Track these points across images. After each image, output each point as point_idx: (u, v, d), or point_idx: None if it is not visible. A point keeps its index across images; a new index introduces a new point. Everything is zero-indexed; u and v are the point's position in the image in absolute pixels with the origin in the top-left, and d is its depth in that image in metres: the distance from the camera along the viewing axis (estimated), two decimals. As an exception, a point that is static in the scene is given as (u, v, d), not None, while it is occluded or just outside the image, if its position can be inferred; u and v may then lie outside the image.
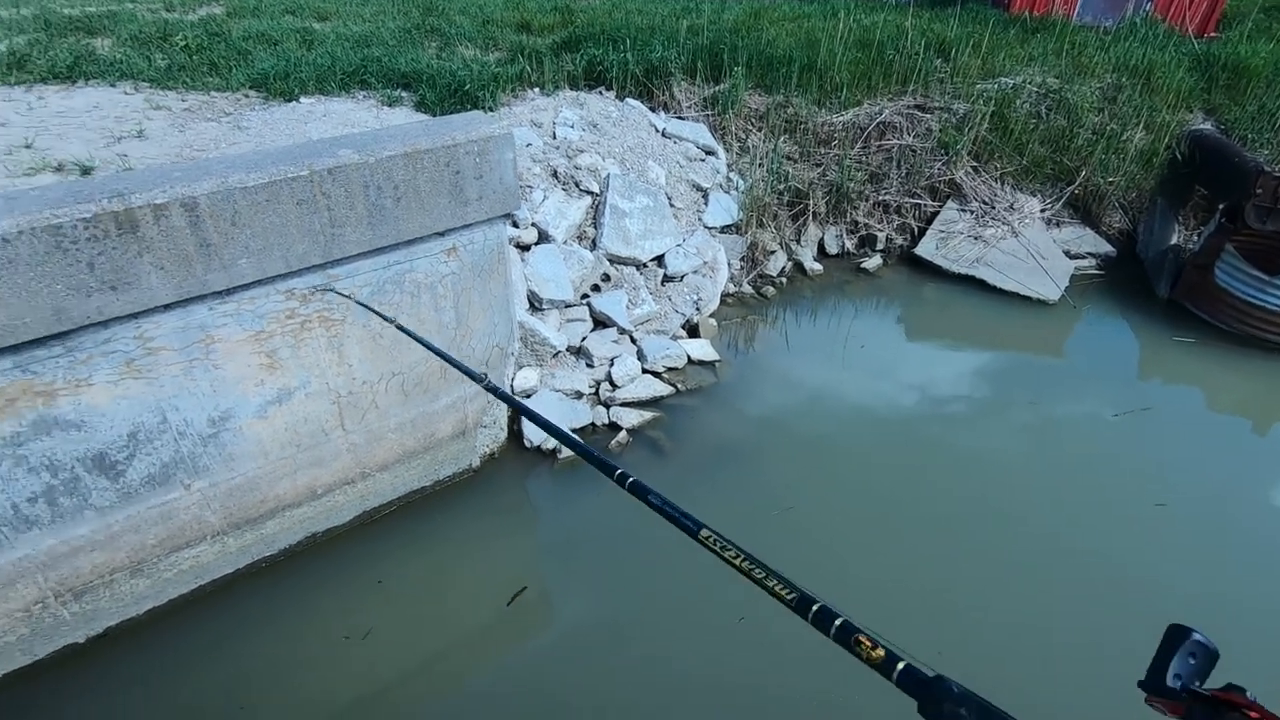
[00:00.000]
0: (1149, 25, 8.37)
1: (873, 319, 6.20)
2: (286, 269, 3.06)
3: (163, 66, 5.99)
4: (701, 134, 6.67)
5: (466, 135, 3.33)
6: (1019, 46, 7.78)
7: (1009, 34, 8.06)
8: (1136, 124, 6.93)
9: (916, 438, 4.83)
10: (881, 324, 6.16)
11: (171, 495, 3.25)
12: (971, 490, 4.40)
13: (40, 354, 2.66)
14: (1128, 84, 7.25)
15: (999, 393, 5.31)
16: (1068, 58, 7.54)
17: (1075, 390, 5.35)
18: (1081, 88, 7.21)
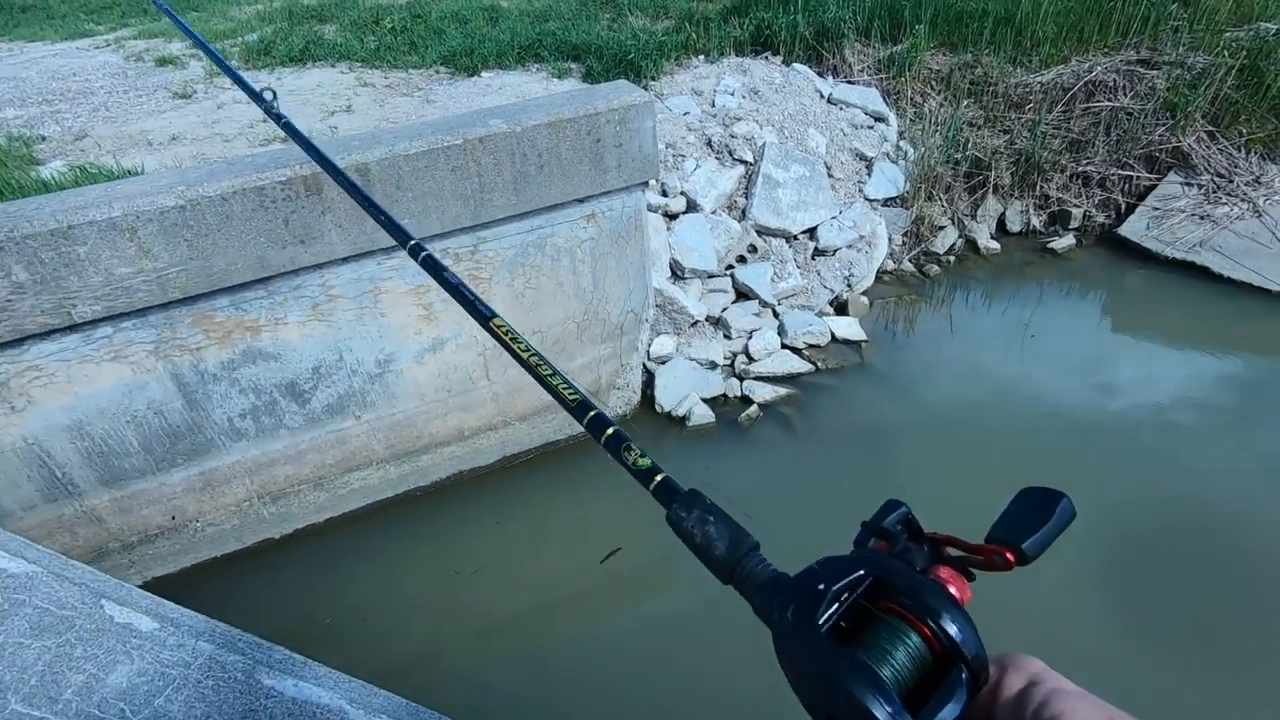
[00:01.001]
0: None
1: (1058, 307, 5.51)
2: (442, 229, 3.39)
3: (372, 47, 6.75)
4: (871, 99, 6.26)
5: (608, 104, 3.43)
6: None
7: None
8: None
9: (1099, 450, 4.23)
10: (1069, 313, 5.46)
11: (345, 424, 3.78)
12: (1170, 524, 3.80)
13: (249, 295, 3.20)
14: None
15: (1216, 405, 4.51)
16: (1363, -7, 6.03)
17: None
18: (1380, 30, 5.75)
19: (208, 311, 3.16)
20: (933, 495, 3.98)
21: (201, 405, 3.37)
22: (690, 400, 4.55)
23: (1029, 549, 0.61)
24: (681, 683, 3.27)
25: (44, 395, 3.03)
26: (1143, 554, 3.66)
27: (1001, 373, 4.90)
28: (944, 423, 4.49)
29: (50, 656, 1.13)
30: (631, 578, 3.75)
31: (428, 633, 3.52)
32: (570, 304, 3.98)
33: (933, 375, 4.93)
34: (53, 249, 2.73)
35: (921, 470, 4.18)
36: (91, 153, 4.68)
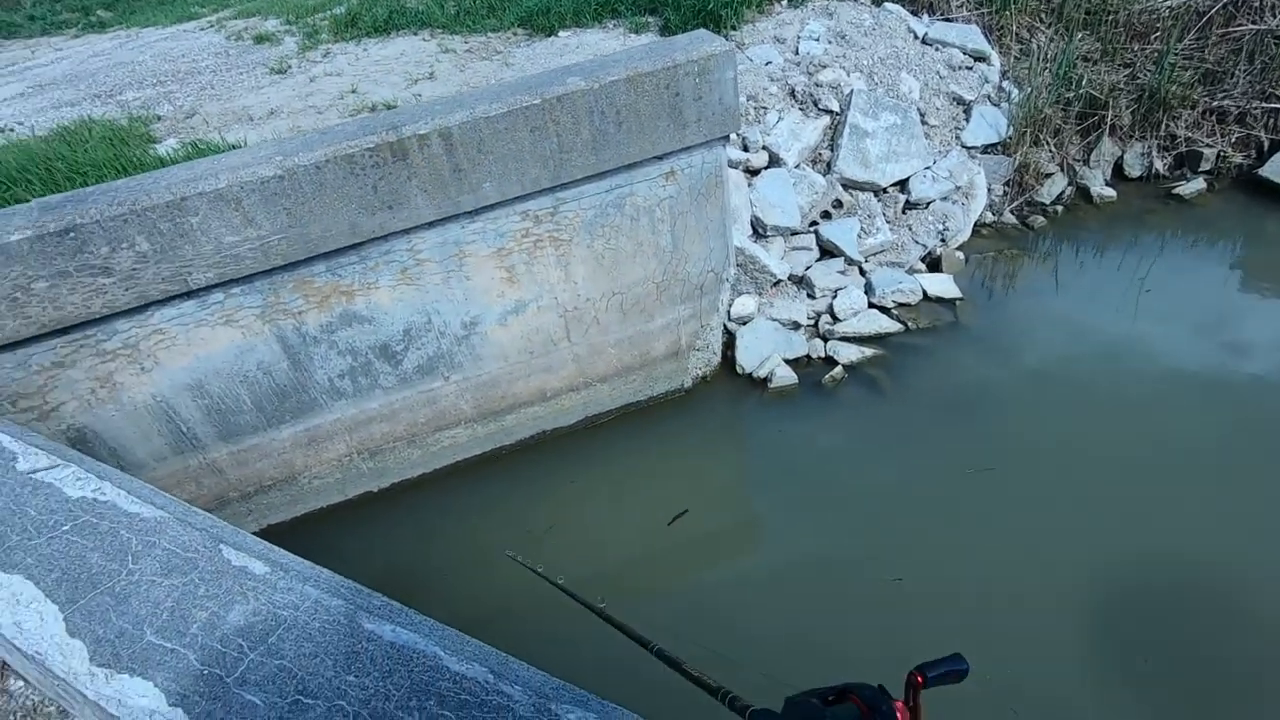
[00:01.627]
0: None
1: (1183, 259, 5.02)
2: (522, 192, 3.40)
3: (452, 13, 6.80)
4: (971, 37, 5.79)
5: (686, 55, 3.32)
6: None
7: None
8: None
9: (1229, 422, 3.85)
10: (1196, 266, 4.96)
11: (435, 384, 3.93)
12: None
13: (343, 260, 3.34)
14: None
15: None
16: None
17: None
18: None
19: (307, 277, 3.32)
20: (1029, 470, 3.77)
21: (304, 366, 3.58)
22: (772, 361, 4.46)
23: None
24: (741, 646, 3.27)
25: (169, 357, 3.29)
26: (1276, 529, 3.34)
27: (1115, 334, 4.51)
28: (1047, 389, 4.20)
29: (178, 594, 1.23)
30: (699, 540, 3.75)
31: (499, 588, 3.65)
32: (650, 264, 3.94)
33: (1035, 336, 4.61)
34: (170, 220, 2.92)
35: (1018, 441, 3.94)
36: (200, 129, 4.98)
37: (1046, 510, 3.54)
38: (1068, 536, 3.42)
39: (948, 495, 3.71)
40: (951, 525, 3.57)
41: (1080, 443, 3.83)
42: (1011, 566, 3.36)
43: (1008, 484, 3.69)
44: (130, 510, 1.41)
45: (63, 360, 3.13)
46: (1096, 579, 3.27)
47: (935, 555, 3.45)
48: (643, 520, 3.85)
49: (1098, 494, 3.57)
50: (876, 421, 4.20)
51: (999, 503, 3.61)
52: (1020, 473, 3.74)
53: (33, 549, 1.36)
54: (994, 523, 3.54)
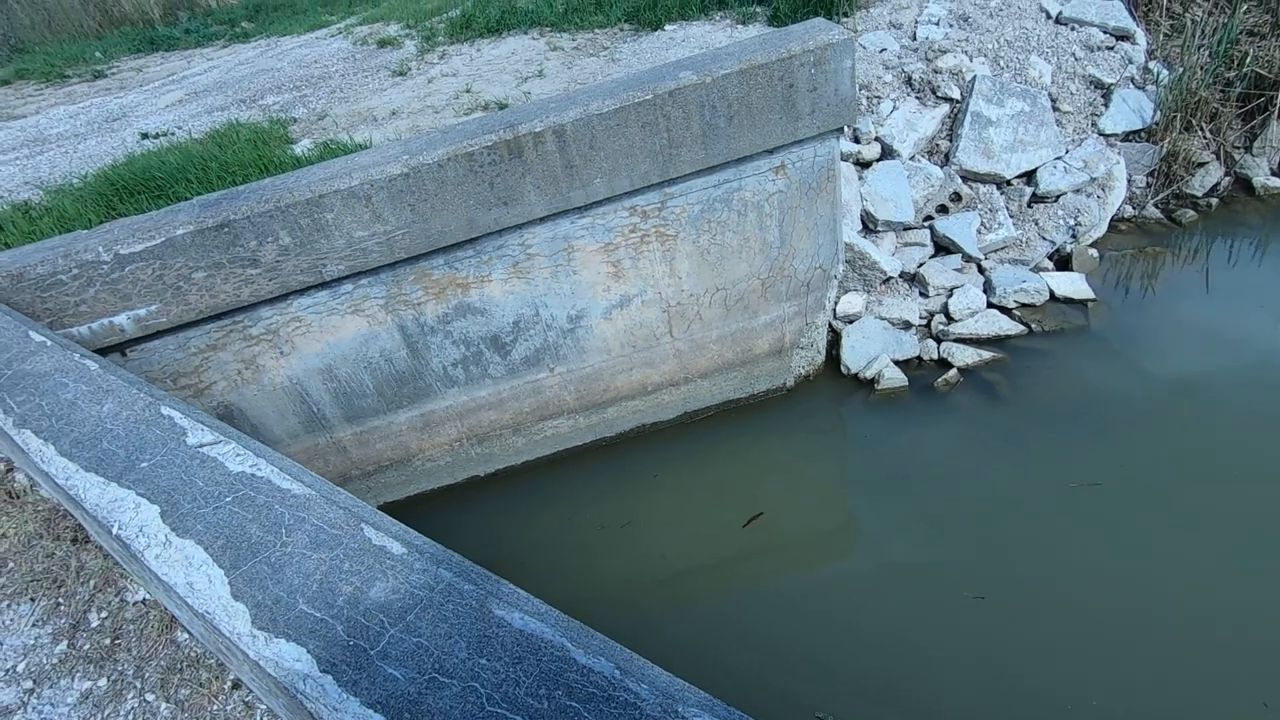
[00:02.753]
0: None
1: (1365, 259, 4.42)
2: (630, 187, 3.43)
3: (560, 11, 6.93)
4: (1113, 13, 5.31)
5: (802, 45, 3.22)
6: None
7: None
8: None
9: None
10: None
11: (540, 375, 4.04)
12: None
13: (459, 254, 3.48)
14: None
15: None
16: None
17: None
18: None
19: (426, 270, 3.49)
20: (1161, 494, 3.44)
21: (421, 354, 3.77)
22: (880, 362, 4.29)
23: None
24: (827, 654, 3.16)
25: (304, 342, 3.56)
26: None
27: (1272, 347, 4.03)
28: (1185, 405, 3.81)
29: (325, 568, 1.32)
30: (792, 542, 3.67)
31: (596, 575, 3.71)
32: (755, 260, 3.88)
33: (1178, 344, 4.19)
34: (308, 216, 3.15)
35: (1152, 461, 3.60)
36: (330, 130, 5.33)
37: (1172, 535, 3.22)
38: (1188, 566, 3.10)
39: (1060, 513, 3.45)
40: (1063, 544, 3.32)
41: (1216, 467, 3.46)
42: (1120, 590, 3.08)
43: (1126, 504, 3.39)
44: (282, 486, 1.52)
45: (215, 344, 3.45)
46: (1211, 613, 2.94)
47: (1040, 573, 3.22)
48: (737, 518, 3.82)
49: (1226, 523, 3.21)
50: (991, 430, 3.95)
51: (1118, 523, 3.32)
52: (1142, 494, 3.43)
53: (201, 517, 1.50)
54: (1109, 541, 3.26)
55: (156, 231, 3.05)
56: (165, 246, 3.07)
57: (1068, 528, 3.38)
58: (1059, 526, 3.40)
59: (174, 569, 1.39)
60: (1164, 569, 3.15)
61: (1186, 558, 3.17)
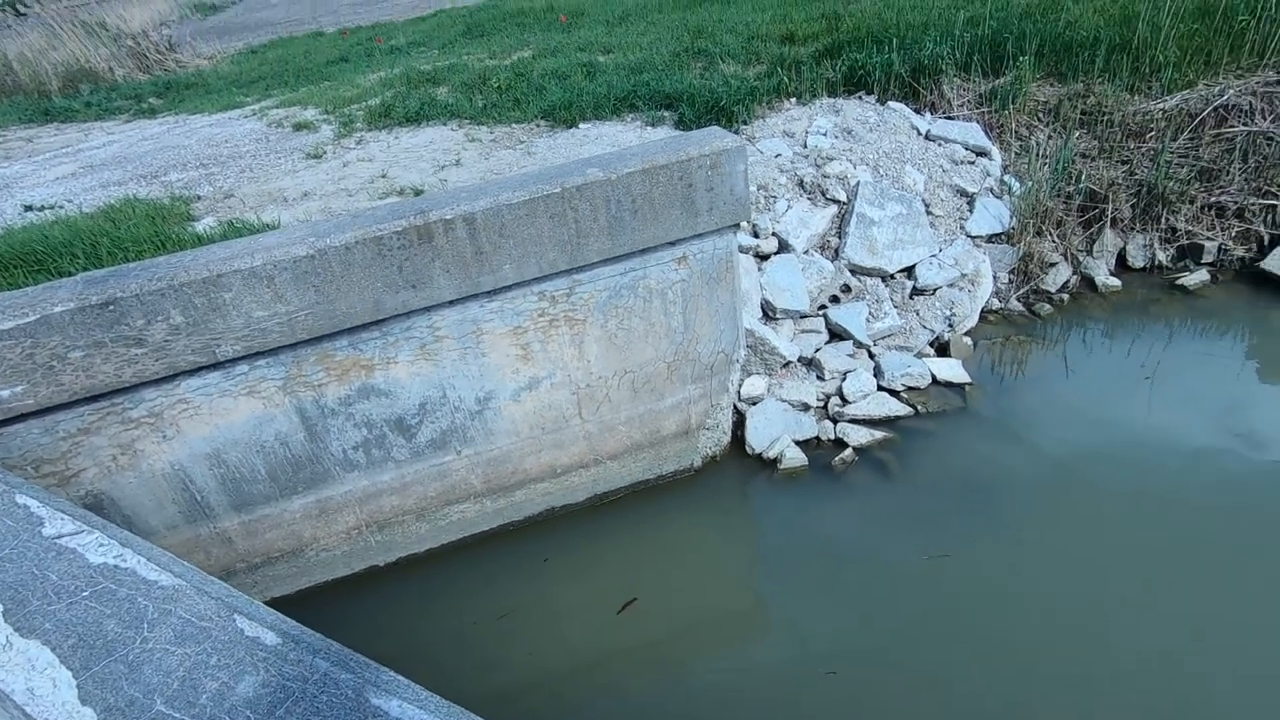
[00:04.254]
0: None
1: (1191, 349, 5.05)
2: (540, 274, 3.55)
3: (480, 105, 7.24)
4: (972, 134, 6.08)
5: (699, 149, 3.52)
6: None
7: None
8: None
9: (1245, 514, 3.79)
10: (1204, 355, 4.99)
11: (447, 458, 3.96)
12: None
13: (365, 336, 3.46)
14: None
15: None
16: None
17: None
18: None
19: (329, 351, 3.43)
20: (1039, 556, 3.72)
21: (321, 437, 3.64)
22: (782, 442, 4.47)
23: None
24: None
25: (190, 425, 3.37)
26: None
27: (1124, 422, 4.51)
28: (1056, 475, 4.17)
29: (190, 663, 1.25)
30: (697, 625, 3.67)
31: (493, 665, 3.57)
32: (661, 344, 4.04)
33: (1045, 422, 4.61)
34: (204, 295, 3.07)
35: (1029, 527, 3.89)
36: (237, 209, 5.25)
37: (1037, 601, 3.46)
38: (1059, 630, 3.32)
39: (951, 582, 3.64)
40: (950, 614, 3.49)
41: (1084, 537, 3.78)
42: (1006, 661, 3.25)
43: (997, 572, 3.63)
44: (149, 578, 1.44)
45: (88, 427, 3.22)
46: (1091, 683, 3.15)
47: (933, 645, 3.35)
48: (643, 602, 3.79)
49: (1094, 588, 3.49)
50: (885, 506, 4.16)
51: (992, 592, 3.54)
52: (1008, 561, 3.68)
53: (51, 614, 1.38)
54: (982, 609, 3.46)
55: (31, 308, 2.89)
56: (39, 324, 2.90)
57: (952, 596, 3.56)
58: (941, 595, 3.57)
59: (13, 674, 1.27)
60: (1025, 634, 3.34)
61: (1050, 623, 3.38)
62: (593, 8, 12.31)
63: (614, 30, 9.92)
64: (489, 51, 9.73)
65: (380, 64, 10.35)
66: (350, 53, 12.09)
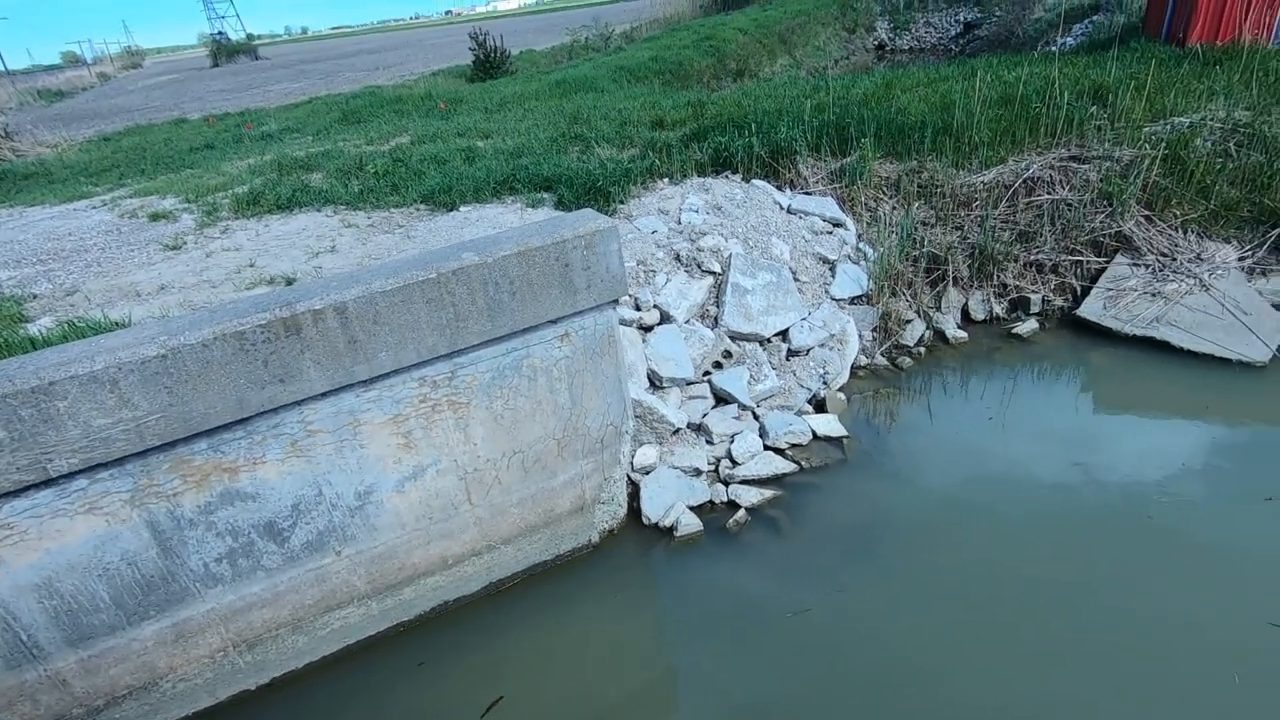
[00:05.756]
0: (1373, 38, 7.16)
1: (1031, 390, 5.62)
2: (419, 359, 3.48)
3: (356, 191, 7.15)
4: (828, 207, 6.65)
5: (573, 231, 3.64)
6: (1195, 81, 6.99)
7: (1181, 70, 7.28)
8: (1362, 151, 5.87)
9: (1091, 533, 4.20)
10: (1042, 396, 5.56)
11: (325, 560, 3.70)
12: (1205, 594, 3.72)
13: (227, 436, 3.23)
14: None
15: (1205, 475, 4.52)
16: (1261, 87, 6.63)
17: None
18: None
19: (185, 456, 3.17)
20: (929, 584, 3.92)
21: (176, 552, 3.31)
22: (677, 509, 4.51)
23: None
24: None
25: (13, 555, 2.97)
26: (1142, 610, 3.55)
27: (985, 458, 4.93)
28: (932, 513, 4.47)
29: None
30: (611, 706, 3.56)
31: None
32: (549, 422, 4.03)
33: (917, 466, 4.94)
34: (32, 406, 2.77)
35: (912, 563, 4.11)
36: (81, 307, 4.83)
37: (924, 632, 3.63)
38: (945, 655, 3.49)
39: (848, 623, 3.75)
40: (848, 653, 3.58)
41: (961, 565, 4.03)
42: (909, 690, 3.37)
43: (892, 606, 3.80)
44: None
45: (-120, 568, 2.77)
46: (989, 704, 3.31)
47: (839, 684, 3.42)
48: (551, 686, 3.63)
49: (966, 614, 3.71)
50: (780, 562, 4.26)
51: (860, 642, 3.69)
52: (912, 598, 3.86)
53: None
54: (889, 646, 3.58)
55: None
56: None
57: (849, 636, 3.66)
58: (838, 637, 3.67)
59: None
60: (918, 661, 3.48)
61: (936, 649, 3.53)
62: (471, 95, 12.67)
63: (492, 116, 10.22)
64: (366, 138, 9.72)
65: (250, 151, 10.08)
66: (217, 140, 11.71)
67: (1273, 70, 6.85)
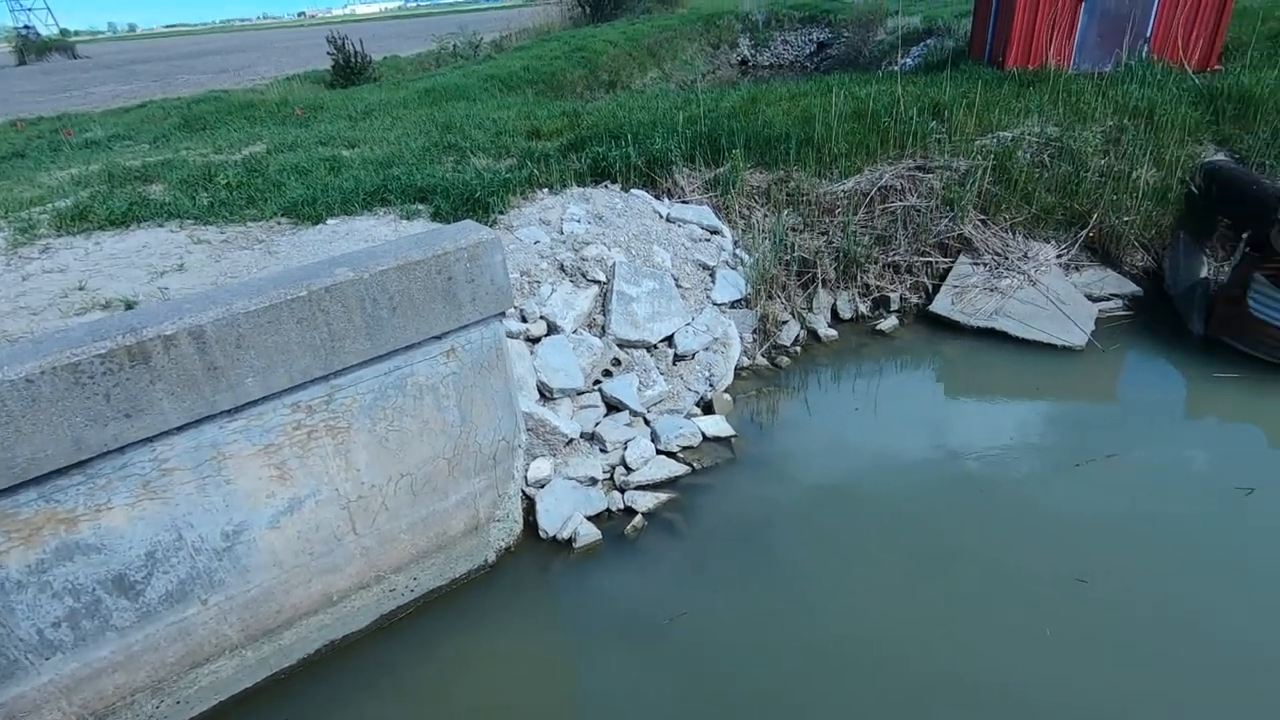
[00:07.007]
0: (1146, 66, 8.40)
1: (894, 381, 6.09)
2: (291, 383, 3.23)
3: (206, 204, 6.56)
4: (705, 215, 6.88)
5: (455, 244, 3.53)
6: (1014, 100, 7.88)
7: (1003, 90, 8.19)
8: (1144, 162, 6.86)
9: (949, 504, 4.62)
10: (904, 385, 6.04)
11: (189, 611, 3.34)
12: (1028, 558, 4.15)
13: (62, 483, 2.84)
14: (1130, 125, 7.23)
15: (1037, 449, 5.08)
16: (1064, 105, 7.60)
17: (1119, 438, 5.09)
18: (1084, 133, 7.22)
19: (9, 510, 2.76)
20: (818, 568, 4.14)
21: (2, 621, 2.87)
22: (574, 521, 4.48)
23: None
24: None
25: None
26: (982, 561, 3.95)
27: (860, 446, 5.29)
28: (818, 501, 4.73)
29: None
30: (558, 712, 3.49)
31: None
32: (438, 441, 3.87)
33: (800, 458, 5.21)
34: None
35: (807, 548, 4.33)
36: None
37: (817, 622, 3.85)
38: (839, 638, 3.72)
39: (753, 624, 3.88)
40: (749, 646, 3.71)
41: (849, 545, 4.30)
42: (812, 678, 3.55)
43: (783, 610, 3.98)
44: None
45: None
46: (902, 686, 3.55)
47: (743, 677, 3.53)
48: (486, 708, 3.50)
49: (874, 596, 3.98)
50: (679, 564, 4.33)
51: (773, 628, 3.86)
52: (805, 579, 4.07)
53: None
54: (789, 634, 3.75)
55: None
56: None
57: (751, 638, 3.78)
58: (743, 638, 3.79)
59: None
60: (818, 645, 3.67)
61: (830, 632, 3.74)
62: (332, 102, 11.99)
63: (358, 124, 9.73)
64: (214, 146, 8.96)
65: (72, 160, 8.98)
66: (28, 148, 10.37)
67: (1074, 92, 7.86)
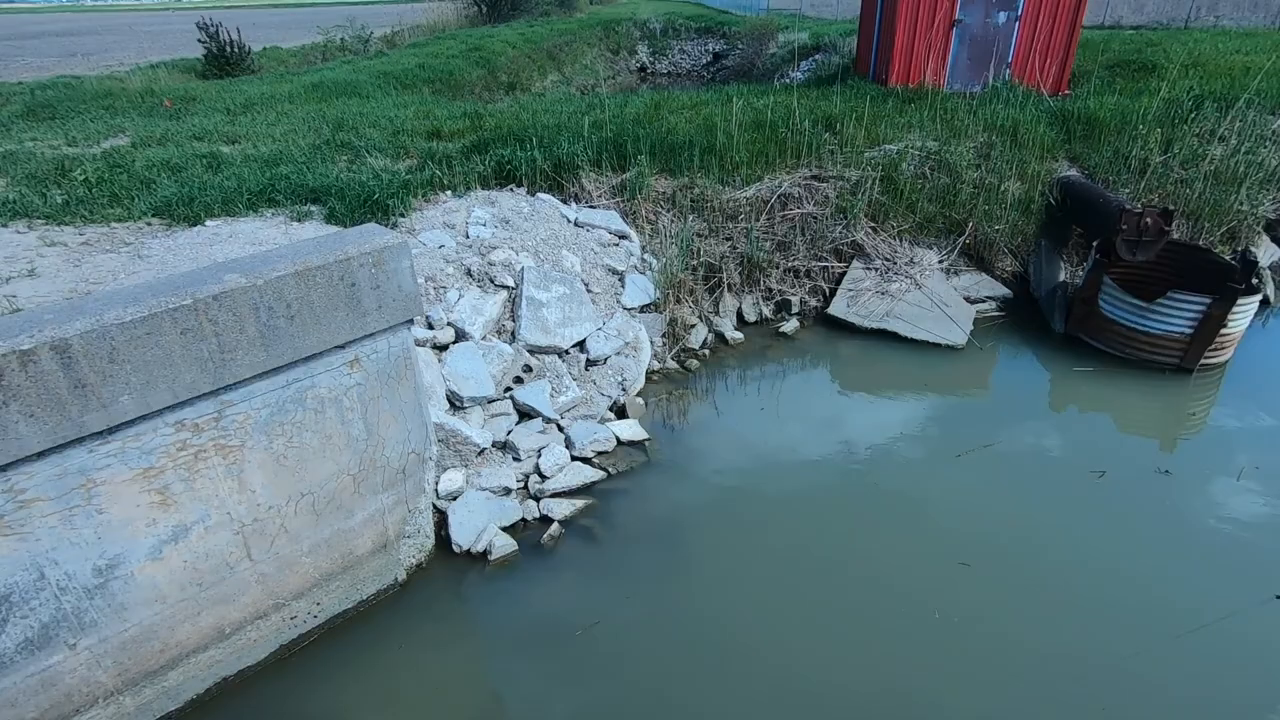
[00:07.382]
0: (1009, 88, 9.22)
1: (796, 381, 6.34)
2: (174, 400, 2.96)
3: (59, 202, 5.90)
4: (613, 220, 6.90)
5: (359, 248, 3.36)
6: (898, 115, 8.43)
7: (887, 105, 8.75)
8: (1010, 176, 7.52)
9: (845, 498, 4.87)
10: (805, 385, 6.31)
11: (54, 659, 2.98)
12: (918, 545, 4.43)
13: (-109, 523, 2.47)
14: (998, 141, 7.91)
15: (923, 441, 5.44)
16: (941, 122, 8.20)
17: (994, 429, 5.54)
18: (958, 147, 7.82)
19: None
20: (730, 566, 4.24)
21: None
22: (489, 533, 4.36)
23: None
24: None
25: None
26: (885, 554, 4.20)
27: (764, 445, 5.47)
28: (726, 501, 4.85)
29: None
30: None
31: None
32: (342, 456, 3.66)
33: (710, 459, 5.32)
34: None
35: (719, 547, 4.42)
36: None
37: (739, 619, 3.96)
38: (761, 634, 3.84)
39: (664, 630, 3.92)
40: (673, 659, 3.76)
41: (760, 541, 4.44)
42: (737, 678, 3.63)
43: (700, 610, 4.06)
44: None
45: None
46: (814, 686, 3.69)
47: (667, 681, 3.57)
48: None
49: (777, 594, 4.12)
50: (598, 570, 4.32)
51: (693, 627, 3.94)
52: (719, 573, 4.16)
53: None
54: (708, 636, 3.83)
55: None
56: None
57: (671, 641, 3.82)
58: (663, 641, 3.82)
59: None
60: (737, 643, 3.77)
61: (752, 627, 3.85)
62: (206, 94, 11.12)
63: (238, 119, 9.08)
64: (66, 138, 8.08)
65: (-117, 149, 7.81)
66: None
67: (949, 109, 8.50)
